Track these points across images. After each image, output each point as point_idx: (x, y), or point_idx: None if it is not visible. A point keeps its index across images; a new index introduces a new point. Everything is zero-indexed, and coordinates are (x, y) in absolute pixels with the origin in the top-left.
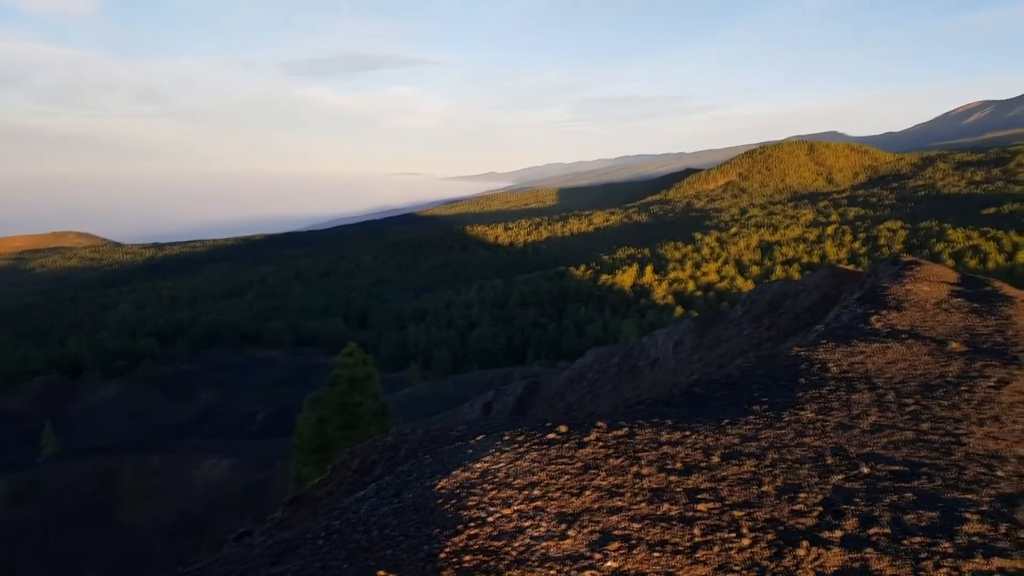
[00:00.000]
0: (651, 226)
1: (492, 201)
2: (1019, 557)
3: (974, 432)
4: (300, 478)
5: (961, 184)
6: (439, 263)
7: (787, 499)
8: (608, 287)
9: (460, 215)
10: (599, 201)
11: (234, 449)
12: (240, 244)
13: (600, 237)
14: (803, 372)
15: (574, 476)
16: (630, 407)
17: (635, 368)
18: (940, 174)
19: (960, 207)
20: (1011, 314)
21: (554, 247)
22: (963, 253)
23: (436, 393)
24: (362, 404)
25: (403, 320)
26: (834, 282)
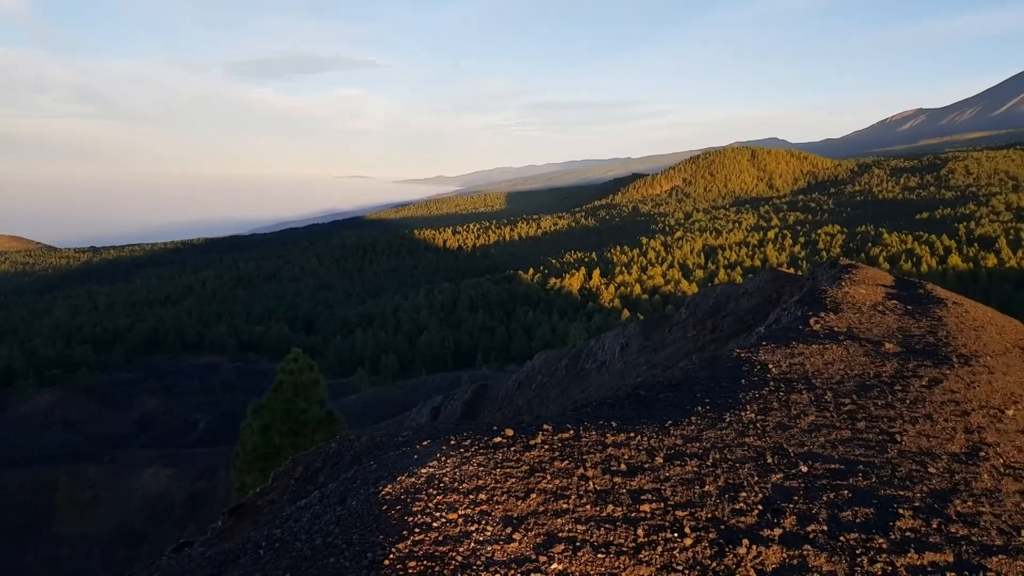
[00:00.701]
0: (598, 230)
1: (441, 205)
2: (950, 551)
3: (907, 430)
4: (244, 487)
5: (896, 190)
6: (387, 267)
7: (729, 498)
8: (556, 291)
9: (408, 219)
10: (547, 205)
11: (175, 458)
12: (180, 248)
13: (548, 241)
14: (744, 373)
15: (520, 479)
16: (577, 409)
17: (583, 371)
18: (876, 180)
19: (895, 212)
20: (943, 316)
21: (503, 251)
22: (898, 257)
23: (384, 399)
24: (308, 411)
25: (350, 325)
26: (775, 285)
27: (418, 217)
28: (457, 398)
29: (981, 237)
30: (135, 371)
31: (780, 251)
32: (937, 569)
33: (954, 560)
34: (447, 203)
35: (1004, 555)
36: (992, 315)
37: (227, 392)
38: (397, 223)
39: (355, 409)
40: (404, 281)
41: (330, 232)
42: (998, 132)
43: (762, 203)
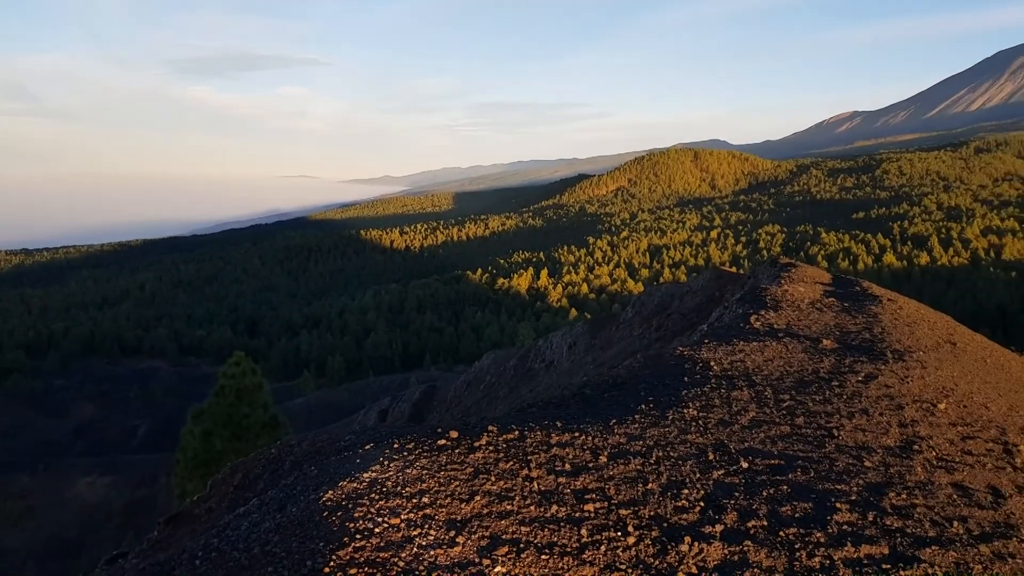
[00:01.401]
0: (546, 230)
1: (388, 205)
2: (886, 544)
3: (844, 425)
4: (185, 494)
5: (834, 190)
6: (333, 268)
7: (671, 496)
8: (505, 291)
9: (354, 219)
10: (495, 205)
11: (113, 466)
12: (118, 250)
13: (496, 241)
14: (687, 371)
15: (464, 482)
16: (523, 410)
17: (531, 370)
18: (814, 180)
19: (833, 212)
20: (878, 312)
21: (451, 251)
22: (836, 255)
23: (330, 402)
24: (251, 415)
25: (295, 327)
26: (718, 284)
27: (364, 217)
28: (405, 400)
29: (914, 236)
30: (71, 377)
31: (723, 250)
32: (873, 561)
33: (889, 552)
34: (394, 203)
35: (937, 546)
36: (925, 311)
37: (167, 397)
38: (343, 223)
39: (301, 413)
40: (351, 282)
41: (274, 233)
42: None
43: (705, 203)
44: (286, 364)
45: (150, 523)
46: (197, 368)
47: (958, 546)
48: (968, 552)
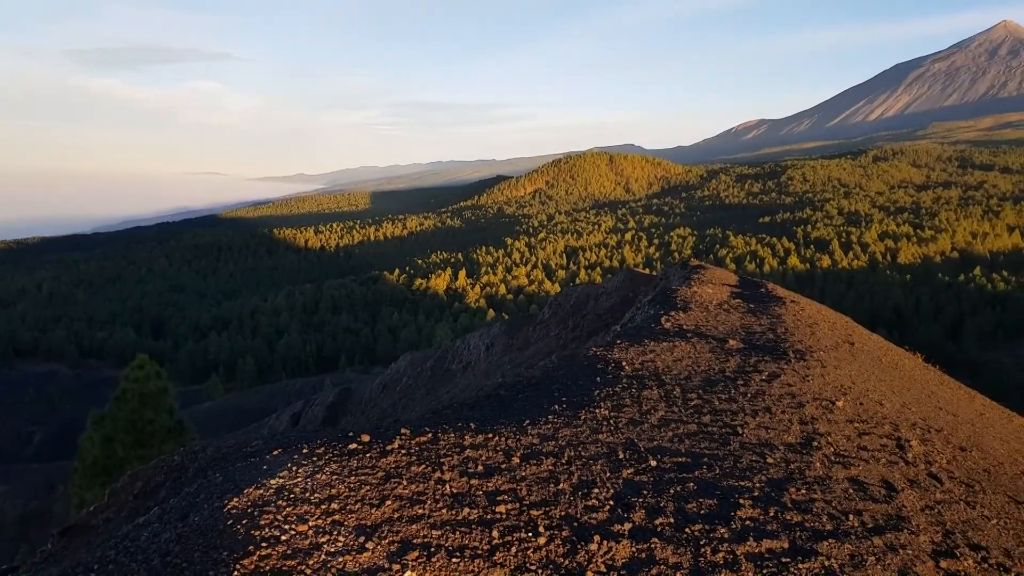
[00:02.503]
0: (464, 231)
1: (302, 203)
2: (786, 538)
3: (748, 423)
4: (84, 504)
5: (741, 195)
6: (244, 268)
7: (582, 495)
8: (422, 291)
9: (267, 217)
10: (413, 205)
11: (6, 475)
12: (14, 248)
13: (414, 241)
14: (600, 371)
15: (375, 486)
16: (437, 412)
17: (449, 371)
18: (723, 186)
19: (740, 216)
20: (781, 313)
21: (368, 251)
22: (743, 258)
23: (240, 406)
24: (155, 420)
25: (203, 329)
26: (631, 285)
27: (278, 216)
28: (319, 403)
29: (817, 240)
30: None
31: (636, 252)
32: (774, 555)
33: (789, 546)
34: (309, 202)
35: (834, 539)
36: (825, 312)
37: (66, 402)
38: (255, 222)
39: (208, 418)
40: (263, 282)
41: (181, 231)
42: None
43: (620, 206)
44: (194, 367)
45: (45, 535)
46: (98, 371)
47: (853, 539)
48: (862, 544)
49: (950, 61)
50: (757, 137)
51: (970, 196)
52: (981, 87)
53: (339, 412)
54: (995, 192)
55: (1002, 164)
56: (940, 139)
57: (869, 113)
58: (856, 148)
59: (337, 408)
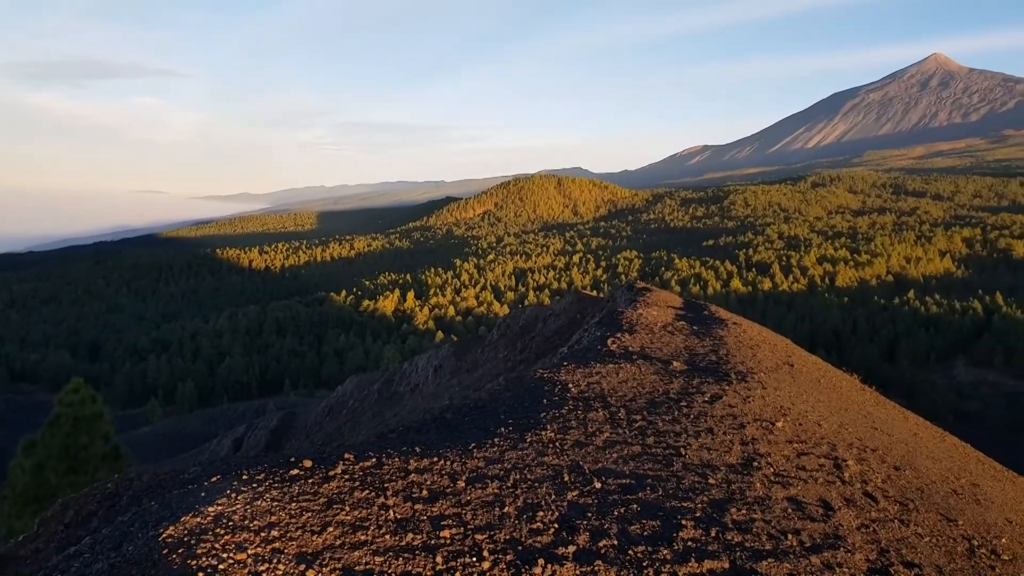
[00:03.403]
0: (413, 252)
1: (246, 223)
2: (727, 558)
3: (691, 444)
4: (12, 533)
5: (686, 219)
6: (185, 288)
7: (527, 519)
8: (370, 313)
9: (209, 237)
10: (361, 226)
11: None
12: None
13: (362, 262)
14: (546, 394)
15: (317, 513)
16: (382, 436)
17: (396, 394)
18: (668, 209)
19: (685, 239)
20: (724, 335)
21: (314, 272)
22: (688, 280)
23: (180, 431)
24: (90, 447)
25: (142, 352)
26: (579, 307)
27: (221, 235)
28: (262, 427)
29: (758, 263)
30: None
31: (584, 274)
32: (714, 575)
33: (730, 566)
34: (253, 221)
35: (773, 558)
36: (766, 335)
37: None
38: (197, 241)
39: (147, 443)
40: (205, 304)
41: (120, 250)
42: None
43: (568, 228)
44: (131, 391)
45: None
46: (31, 395)
47: (792, 558)
48: (800, 563)
49: (884, 91)
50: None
51: (904, 222)
52: (913, 117)
53: (283, 436)
54: (927, 218)
55: (933, 191)
56: (875, 166)
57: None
58: (795, 174)
59: (281, 432)
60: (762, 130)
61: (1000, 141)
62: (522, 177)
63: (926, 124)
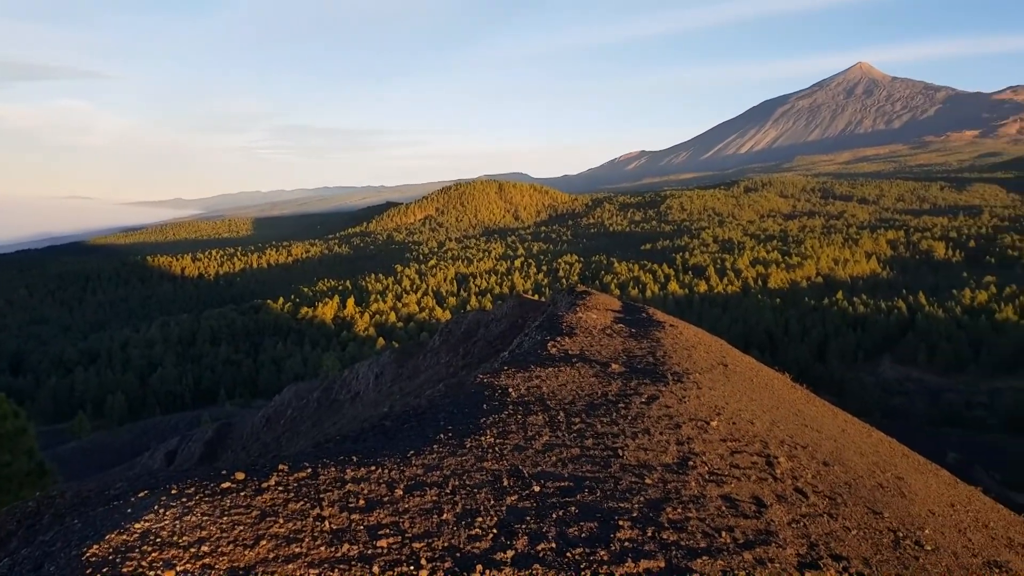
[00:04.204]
0: (352, 258)
1: (178, 229)
2: (663, 557)
3: (628, 445)
4: None
5: (624, 223)
6: (114, 297)
7: (465, 525)
8: (308, 320)
9: (140, 244)
10: (299, 232)
11: None
12: None
13: (300, 269)
14: (486, 398)
15: (249, 526)
16: (318, 445)
17: (336, 402)
18: (607, 214)
19: (624, 243)
20: (661, 337)
21: (250, 279)
22: (627, 284)
23: (110, 445)
24: (12, 464)
25: (68, 363)
26: (521, 311)
27: (152, 242)
28: (196, 439)
29: (694, 266)
30: None
31: (526, 278)
32: (651, 575)
33: (665, 565)
34: (186, 228)
35: (707, 556)
36: (702, 336)
37: None
38: (126, 249)
39: (74, 459)
40: (135, 313)
41: (44, 258)
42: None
43: (509, 233)
44: (57, 405)
45: None
46: None
47: (725, 555)
48: (734, 560)
49: (812, 99)
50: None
51: (832, 225)
52: (840, 123)
53: (218, 448)
54: (854, 221)
55: (859, 195)
56: (804, 171)
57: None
58: (729, 179)
59: (216, 444)
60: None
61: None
62: (463, 182)
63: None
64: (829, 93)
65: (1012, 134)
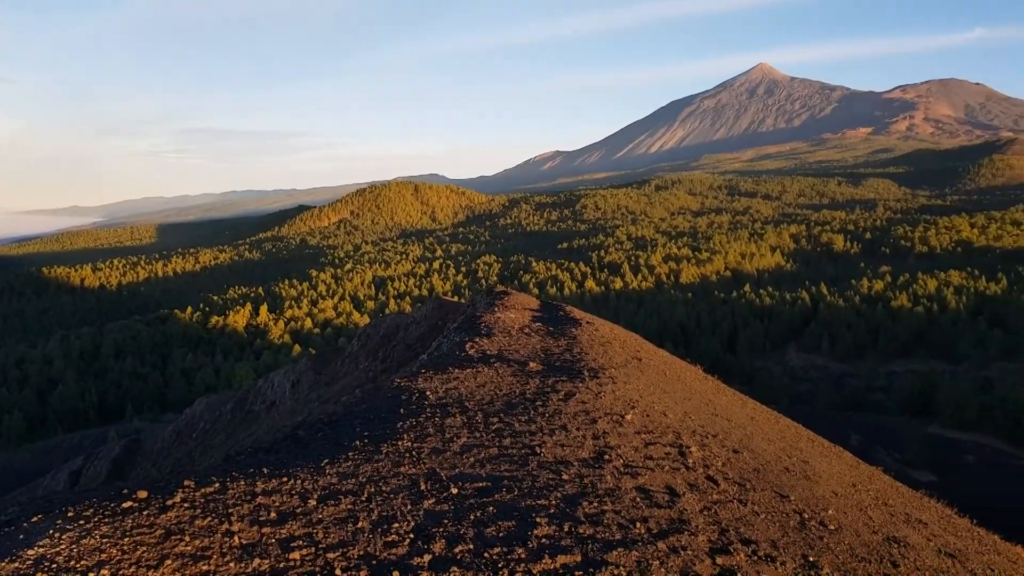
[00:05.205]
0: (265, 263)
1: (76, 238)
2: (579, 552)
3: (546, 442)
4: None
5: (541, 223)
6: (6, 312)
7: (381, 532)
8: (220, 329)
9: (34, 254)
10: (207, 238)
11: None
12: None
13: (209, 276)
14: (404, 403)
15: (153, 546)
16: (228, 459)
17: (251, 413)
18: (524, 214)
19: (541, 242)
20: (578, 334)
21: (156, 288)
22: (545, 283)
23: (7, 468)
24: None
25: None
26: (440, 313)
27: (48, 253)
28: (103, 457)
29: (610, 263)
30: None
31: (445, 280)
32: (568, 570)
33: (582, 559)
34: (85, 236)
35: (622, 548)
36: (618, 332)
37: None
38: (20, 259)
39: None
40: (31, 327)
41: None
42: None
43: (427, 235)
44: None
45: None
46: None
47: (640, 545)
48: (648, 549)
49: (717, 99)
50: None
51: (738, 221)
52: (744, 122)
53: (127, 466)
54: (759, 217)
55: (763, 192)
56: (711, 170)
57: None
58: (640, 178)
59: (124, 462)
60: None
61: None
62: (379, 184)
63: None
64: (733, 93)
65: (902, 131)
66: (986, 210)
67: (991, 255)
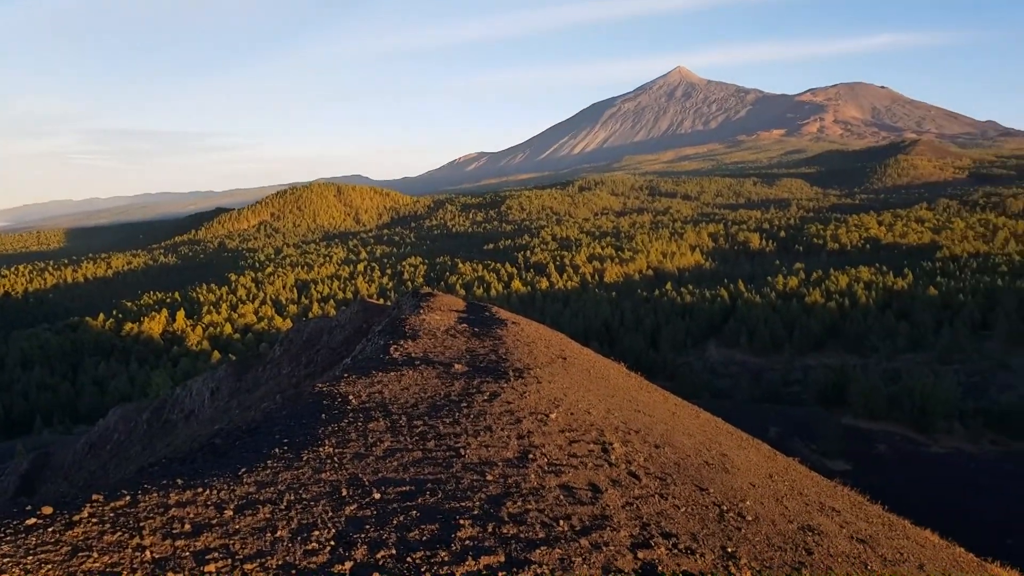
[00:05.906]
0: (181, 268)
1: None
2: (502, 552)
3: (471, 444)
4: None
5: (466, 224)
6: None
7: (301, 540)
8: (134, 337)
9: None
10: (119, 242)
11: None
12: None
13: (121, 282)
14: (325, 408)
15: (59, 564)
16: (141, 470)
17: (169, 422)
18: (449, 215)
19: (467, 243)
20: (503, 335)
21: (64, 295)
22: (472, 283)
23: None
24: None
25: None
26: (365, 316)
27: None
28: (9, 472)
29: (535, 264)
30: None
31: (370, 283)
32: (491, 570)
33: (505, 559)
34: None
35: (545, 546)
36: (543, 331)
37: None
38: None
39: None
40: None
41: None
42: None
43: (351, 237)
44: None
45: None
46: None
47: (563, 543)
48: (571, 547)
49: (637, 102)
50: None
51: (659, 220)
52: (663, 124)
53: (36, 481)
54: (679, 216)
55: (683, 192)
56: (632, 171)
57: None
58: (564, 179)
59: (33, 476)
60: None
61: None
62: (299, 185)
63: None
64: (652, 96)
65: (813, 132)
66: (892, 208)
67: (897, 251)
